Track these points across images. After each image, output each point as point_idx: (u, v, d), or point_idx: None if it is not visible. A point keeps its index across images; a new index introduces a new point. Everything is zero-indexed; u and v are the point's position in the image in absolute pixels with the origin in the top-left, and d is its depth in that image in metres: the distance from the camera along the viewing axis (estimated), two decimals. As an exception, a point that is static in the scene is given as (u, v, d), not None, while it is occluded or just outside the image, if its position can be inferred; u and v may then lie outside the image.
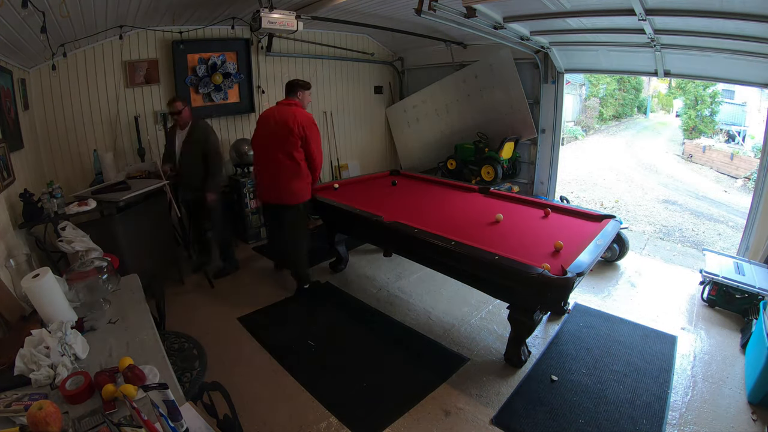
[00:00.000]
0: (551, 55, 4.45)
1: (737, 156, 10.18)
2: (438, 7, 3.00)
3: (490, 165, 4.76)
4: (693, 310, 3.13)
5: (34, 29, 2.47)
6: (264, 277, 3.86)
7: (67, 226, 2.50)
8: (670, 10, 2.87)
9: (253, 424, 2.13)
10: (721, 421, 2.10)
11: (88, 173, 3.83)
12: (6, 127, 2.58)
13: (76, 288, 1.75)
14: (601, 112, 15.78)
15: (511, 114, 4.96)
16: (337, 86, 5.71)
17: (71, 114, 3.78)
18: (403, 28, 4.67)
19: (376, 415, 2.18)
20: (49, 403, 1.07)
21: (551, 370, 2.48)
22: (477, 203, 3.52)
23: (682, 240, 5.83)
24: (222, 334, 2.94)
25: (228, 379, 2.41)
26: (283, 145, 3.07)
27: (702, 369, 2.49)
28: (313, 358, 2.66)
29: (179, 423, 1.10)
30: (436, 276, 3.32)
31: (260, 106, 4.94)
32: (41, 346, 1.34)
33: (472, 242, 2.46)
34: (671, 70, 3.98)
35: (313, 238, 3.76)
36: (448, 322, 3.03)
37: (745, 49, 3.18)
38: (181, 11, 3.73)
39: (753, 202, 3.63)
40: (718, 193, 8.68)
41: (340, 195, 3.64)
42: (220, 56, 4.43)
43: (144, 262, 3.11)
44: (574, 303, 3.20)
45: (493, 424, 2.11)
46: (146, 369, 1.33)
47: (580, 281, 2.15)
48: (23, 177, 2.82)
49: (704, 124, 12.36)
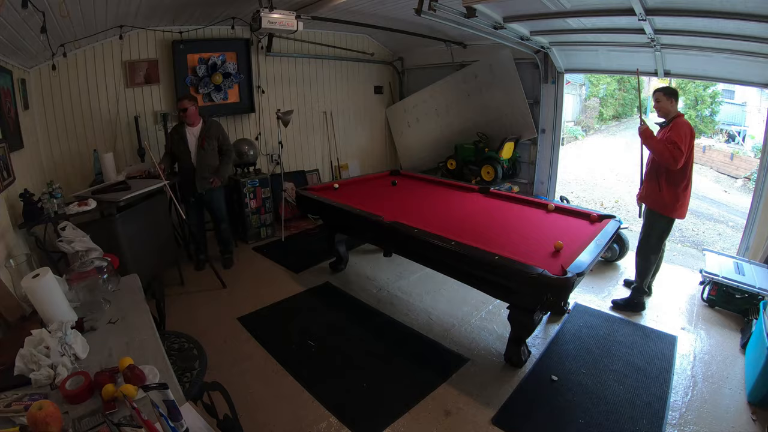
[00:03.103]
0: (551, 55, 4.45)
1: (737, 156, 10.18)
2: (438, 7, 3.00)
3: (490, 165, 4.76)
4: (693, 310, 3.13)
5: (34, 29, 2.47)
6: (264, 277, 3.86)
7: (67, 226, 2.50)
8: (670, 10, 2.87)
9: (253, 424, 2.13)
10: (721, 421, 2.10)
11: (88, 173, 3.83)
12: (6, 127, 2.58)
13: (76, 288, 1.75)
14: (601, 112, 15.76)
15: (511, 114, 4.96)
16: (337, 86, 5.71)
17: (71, 114, 3.79)
18: (403, 28, 4.67)
19: (376, 415, 2.18)
20: (49, 403, 1.07)
21: (551, 370, 2.48)
22: (477, 203, 3.52)
23: (682, 240, 5.83)
24: (222, 334, 2.94)
25: (228, 379, 2.41)
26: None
27: (702, 369, 2.49)
28: (313, 358, 2.66)
29: (179, 423, 1.10)
30: (436, 276, 3.32)
31: (260, 106, 4.95)
32: (41, 346, 1.34)
33: (472, 242, 2.46)
34: (671, 70, 3.98)
35: (313, 239, 3.75)
36: (448, 322, 3.03)
37: (745, 49, 3.18)
38: (181, 11, 3.73)
39: (753, 202, 3.63)
40: (718, 193, 8.68)
41: (340, 195, 3.64)
42: (220, 56, 4.43)
43: (144, 262, 3.10)
44: (574, 303, 3.20)
45: (493, 424, 2.11)
46: (146, 369, 1.33)
47: (580, 281, 2.15)
48: (23, 177, 2.82)
49: (704, 124, 12.34)
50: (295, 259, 4.13)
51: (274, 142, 4.94)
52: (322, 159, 5.77)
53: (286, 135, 5.15)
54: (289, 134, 5.26)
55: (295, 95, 5.31)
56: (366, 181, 4.30)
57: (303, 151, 5.57)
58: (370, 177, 4.44)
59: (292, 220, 5.17)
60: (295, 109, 4.97)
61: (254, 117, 4.96)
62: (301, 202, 3.76)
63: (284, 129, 4.73)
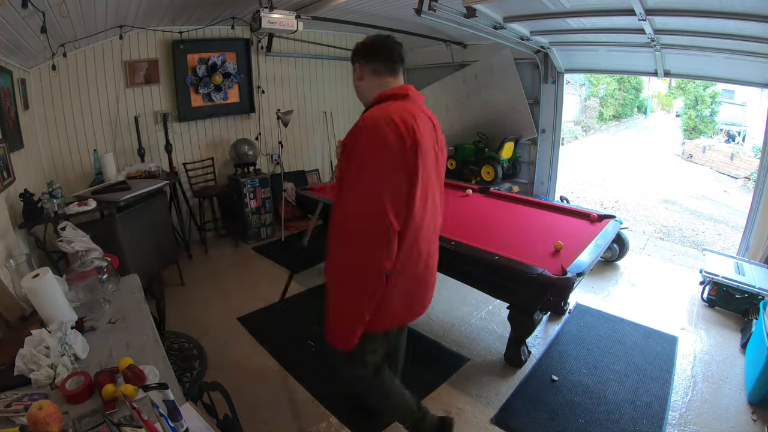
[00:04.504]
0: (551, 55, 4.45)
1: (737, 156, 10.17)
2: (438, 7, 3.00)
3: (490, 165, 4.76)
4: (693, 310, 3.13)
5: (34, 29, 2.47)
6: (264, 277, 3.86)
7: (67, 226, 2.50)
8: (670, 10, 2.87)
9: (253, 424, 2.12)
10: (721, 421, 2.10)
11: (88, 173, 3.83)
12: (6, 127, 2.58)
13: (76, 288, 1.75)
14: (601, 112, 15.76)
15: (511, 114, 4.96)
16: (337, 86, 5.71)
17: (71, 114, 3.78)
18: (403, 28, 4.67)
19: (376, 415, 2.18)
20: (49, 403, 1.07)
21: (551, 370, 2.48)
22: (477, 203, 3.52)
23: (682, 240, 5.83)
24: (222, 334, 2.93)
25: (228, 379, 2.41)
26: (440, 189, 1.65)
27: (702, 369, 2.49)
28: (313, 358, 2.66)
29: (179, 423, 1.10)
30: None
31: (260, 106, 4.95)
32: (41, 346, 1.34)
33: (472, 242, 2.46)
34: (671, 70, 3.98)
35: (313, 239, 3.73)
36: (448, 322, 3.03)
37: (745, 49, 3.18)
38: (181, 11, 3.73)
39: (753, 202, 3.63)
40: (718, 193, 8.68)
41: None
42: (220, 56, 4.43)
43: (144, 262, 3.10)
44: (575, 303, 3.20)
45: (493, 423, 2.11)
46: (146, 369, 1.32)
47: (580, 281, 2.15)
48: (23, 177, 2.81)
49: (704, 124, 12.35)
50: (295, 260, 4.13)
51: (274, 142, 4.94)
52: (322, 159, 5.77)
53: (286, 135, 5.15)
54: (289, 134, 5.26)
55: (295, 95, 5.31)
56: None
57: (303, 151, 5.57)
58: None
59: (292, 220, 5.17)
60: (295, 109, 4.97)
61: (254, 117, 4.96)
62: (301, 202, 3.76)
63: (284, 129, 4.73)
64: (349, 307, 1.40)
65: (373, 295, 1.37)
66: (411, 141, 1.34)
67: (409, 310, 1.61)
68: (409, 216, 1.37)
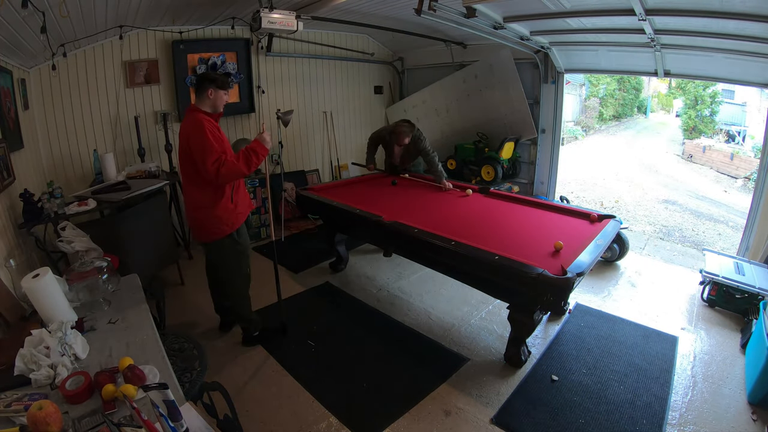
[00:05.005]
0: (551, 55, 4.45)
1: (737, 156, 10.17)
2: (438, 7, 3.00)
3: (490, 165, 4.76)
4: (693, 310, 3.13)
5: (34, 29, 2.47)
6: (263, 277, 3.85)
7: (67, 226, 2.50)
8: (670, 10, 2.87)
9: (253, 424, 2.13)
10: (721, 421, 2.10)
11: (88, 173, 3.83)
12: (6, 127, 2.58)
13: (76, 288, 1.75)
14: (601, 112, 15.77)
15: (511, 114, 4.96)
16: (337, 86, 5.71)
17: (71, 114, 3.78)
18: (403, 28, 4.67)
19: (376, 415, 2.18)
20: (49, 403, 1.08)
21: (551, 370, 2.48)
22: (477, 203, 3.52)
23: (682, 240, 5.83)
24: (222, 334, 2.94)
25: (228, 379, 2.42)
26: (183, 167, 2.47)
27: (702, 369, 2.49)
28: (313, 358, 2.66)
29: (179, 423, 1.10)
30: (436, 276, 3.32)
31: (260, 106, 4.95)
32: (41, 346, 1.34)
33: (472, 242, 2.46)
34: (671, 70, 3.98)
35: (312, 239, 3.74)
36: (448, 322, 3.03)
37: (745, 49, 3.18)
38: (181, 11, 3.73)
39: (753, 202, 3.63)
40: (718, 193, 8.68)
41: (340, 195, 3.63)
42: (220, 56, 4.43)
43: (144, 262, 3.10)
44: (575, 303, 3.20)
45: (493, 423, 2.11)
46: (146, 369, 1.33)
47: (580, 281, 2.14)
48: (23, 177, 2.82)
49: (704, 124, 12.35)
50: (294, 260, 4.13)
51: (274, 142, 4.92)
52: (322, 159, 5.77)
53: (286, 135, 5.15)
54: (289, 134, 5.26)
55: (295, 95, 5.31)
56: (366, 180, 4.30)
57: (303, 151, 5.57)
58: (370, 177, 4.44)
59: (292, 220, 5.17)
60: (295, 109, 4.96)
61: (254, 117, 4.96)
62: (301, 202, 3.76)
63: (284, 129, 4.73)
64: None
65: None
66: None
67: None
68: None
